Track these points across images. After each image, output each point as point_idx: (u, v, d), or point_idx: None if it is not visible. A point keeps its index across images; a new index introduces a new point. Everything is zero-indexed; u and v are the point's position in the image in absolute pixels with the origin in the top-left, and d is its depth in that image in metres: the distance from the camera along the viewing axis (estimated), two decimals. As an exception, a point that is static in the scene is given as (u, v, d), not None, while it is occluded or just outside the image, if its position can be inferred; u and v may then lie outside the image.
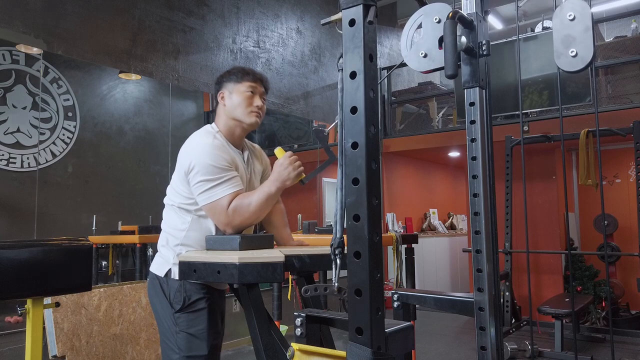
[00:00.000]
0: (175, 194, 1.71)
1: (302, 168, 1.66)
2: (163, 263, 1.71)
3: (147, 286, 1.77)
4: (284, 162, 1.64)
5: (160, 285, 1.69)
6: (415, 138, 6.00)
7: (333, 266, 1.13)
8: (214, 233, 1.70)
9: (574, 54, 1.17)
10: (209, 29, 4.37)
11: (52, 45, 3.33)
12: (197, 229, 1.69)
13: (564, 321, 3.87)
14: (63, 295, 2.59)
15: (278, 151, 1.70)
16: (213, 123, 1.79)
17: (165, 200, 1.77)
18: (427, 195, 7.39)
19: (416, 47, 1.30)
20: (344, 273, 0.99)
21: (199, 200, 1.62)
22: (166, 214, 1.76)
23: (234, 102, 1.73)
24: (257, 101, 1.75)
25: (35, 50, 3.39)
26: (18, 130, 3.41)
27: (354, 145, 0.96)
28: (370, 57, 0.98)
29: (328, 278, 3.53)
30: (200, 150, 1.62)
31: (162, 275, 1.69)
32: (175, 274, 1.66)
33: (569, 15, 1.18)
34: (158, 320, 1.72)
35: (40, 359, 1.79)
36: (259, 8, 4.89)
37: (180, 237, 1.69)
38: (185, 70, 4.12)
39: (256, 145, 1.95)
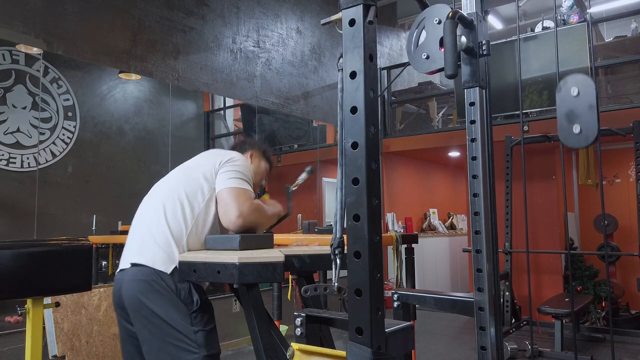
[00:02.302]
0: (192, 182, 1.72)
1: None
2: (167, 260, 1.62)
3: (140, 283, 1.60)
4: (275, 203, 1.94)
5: (164, 283, 1.59)
6: (415, 138, 6.00)
7: (333, 266, 1.13)
8: (217, 229, 1.71)
9: (577, 130, 1.16)
10: (209, 29, 4.37)
11: (52, 45, 3.33)
12: (202, 225, 1.68)
13: (564, 321, 3.87)
14: (63, 295, 2.59)
15: (266, 197, 2.04)
16: None
17: (171, 194, 1.71)
18: (427, 195, 7.39)
19: (419, 49, 1.30)
20: (344, 273, 0.99)
21: (230, 182, 1.69)
22: (171, 206, 1.69)
23: (257, 169, 2.01)
24: (264, 181, 2.08)
25: (35, 50, 3.39)
26: (18, 130, 3.41)
27: (354, 145, 0.96)
28: (370, 57, 0.98)
29: (328, 278, 3.53)
30: (244, 161, 1.86)
31: (168, 272, 1.61)
32: None
33: (573, 91, 1.17)
34: (157, 322, 1.58)
35: (40, 359, 1.79)
36: (258, 8, 4.89)
37: (185, 233, 1.64)
38: (185, 70, 4.12)
39: None
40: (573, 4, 4.97)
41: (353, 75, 0.98)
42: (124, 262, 1.70)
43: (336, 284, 1.19)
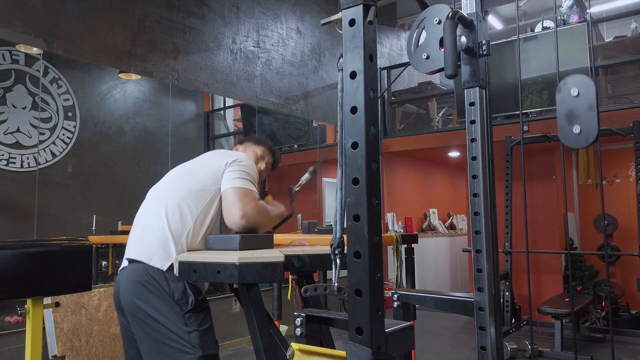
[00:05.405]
0: (195, 181, 1.72)
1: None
2: (164, 257, 1.61)
3: (135, 285, 1.60)
4: (279, 204, 1.96)
5: (158, 283, 1.59)
6: (415, 138, 6.00)
7: (333, 266, 1.13)
8: (217, 229, 1.71)
9: (577, 131, 1.15)
10: (209, 29, 4.37)
11: (52, 45, 3.33)
12: (200, 223, 1.67)
13: (563, 321, 3.87)
14: (63, 295, 2.59)
15: (269, 198, 2.05)
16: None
17: (172, 195, 1.71)
18: (427, 195, 7.39)
19: (419, 49, 1.30)
20: (344, 273, 0.99)
21: (235, 182, 1.70)
22: (172, 207, 1.68)
23: (259, 167, 2.04)
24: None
25: (35, 50, 3.39)
26: (18, 130, 3.41)
27: (354, 145, 0.96)
28: (370, 57, 0.98)
29: (328, 278, 3.53)
30: (250, 161, 1.89)
31: (164, 269, 1.60)
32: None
33: (573, 92, 1.16)
34: (152, 323, 1.58)
35: (40, 359, 1.79)
36: (258, 8, 4.89)
37: (185, 232, 1.64)
38: (185, 70, 4.12)
39: None
40: (573, 4, 4.96)
41: (353, 75, 0.98)
42: (124, 261, 1.71)
43: (336, 284, 1.19)
